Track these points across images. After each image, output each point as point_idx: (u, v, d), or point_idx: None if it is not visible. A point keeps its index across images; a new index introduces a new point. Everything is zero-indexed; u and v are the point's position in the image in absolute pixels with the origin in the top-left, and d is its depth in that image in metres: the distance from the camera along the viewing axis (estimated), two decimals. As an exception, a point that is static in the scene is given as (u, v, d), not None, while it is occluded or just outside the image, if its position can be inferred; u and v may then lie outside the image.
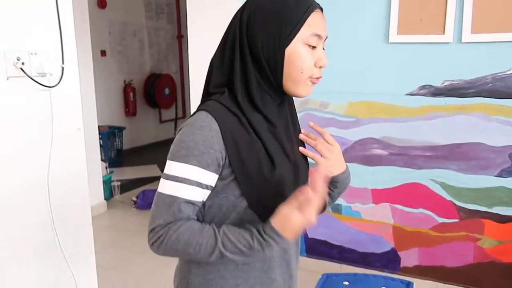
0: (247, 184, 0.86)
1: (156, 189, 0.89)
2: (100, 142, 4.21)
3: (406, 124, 2.49)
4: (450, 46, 2.34)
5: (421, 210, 2.54)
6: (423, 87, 2.43)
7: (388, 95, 2.51)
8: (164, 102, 6.86)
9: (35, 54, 1.46)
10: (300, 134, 1.03)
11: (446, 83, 2.38)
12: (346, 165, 1.05)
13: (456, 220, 2.47)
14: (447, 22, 2.31)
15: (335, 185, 1.03)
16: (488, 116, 2.32)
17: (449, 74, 2.37)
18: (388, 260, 2.67)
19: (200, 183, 0.84)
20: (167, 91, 6.83)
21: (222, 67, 0.90)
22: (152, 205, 0.87)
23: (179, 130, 0.88)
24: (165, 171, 0.87)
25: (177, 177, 0.84)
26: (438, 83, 2.40)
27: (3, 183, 1.45)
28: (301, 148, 1.00)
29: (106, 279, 2.60)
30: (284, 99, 0.97)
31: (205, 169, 0.83)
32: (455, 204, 2.45)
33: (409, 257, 2.62)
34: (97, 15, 5.45)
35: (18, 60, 1.41)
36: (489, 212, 2.39)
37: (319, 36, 0.90)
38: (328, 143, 1.02)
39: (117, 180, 4.46)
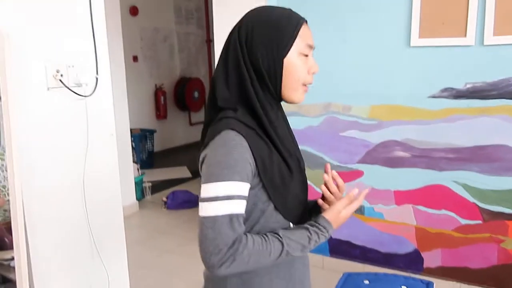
0: (273, 189, 0.97)
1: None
2: (132, 145, 4.38)
3: (428, 127, 2.52)
4: (472, 49, 2.35)
5: (443, 211, 2.55)
6: (445, 89, 2.45)
7: (410, 98, 2.54)
8: (194, 105, 7.02)
9: (72, 66, 1.59)
10: (325, 175, 1.12)
11: (468, 86, 2.39)
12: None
13: (480, 222, 2.47)
14: (469, 25, 2.33)
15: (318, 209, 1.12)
16: (511, 118, 2.32)
17: (471, 76, 2.38)
18: (411, 261, 2.70)
19: (245, 196, 0.92)
20: (196, 94, 6.99)
21: (228, 82, 0.98)
22: (205, 230, 0.88)
23: (205, 148, 0.94)
24: (209, 194, 0.89)
25: (228, 195, 0.88)
26: (460, 85, 2.41)
27: (43, 184, 1.58)
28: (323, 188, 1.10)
29: (136, 277, 2.73)
30: (279, 106, 1.06)
31: (246, 182, 0.92)
32: (479, 206, 2.46)
33: (432, 258, 2.64)
34: (129, 22, 5.66)
35: (57, 72, 1.54)
36: (513, 214, 2.39)
37: (310, 46, 1.01)
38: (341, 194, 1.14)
39: (148, 181, 4.63)
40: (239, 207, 0.90)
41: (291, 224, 1.04)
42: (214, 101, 1.00)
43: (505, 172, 2.37)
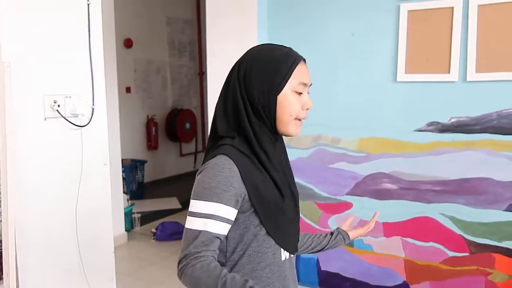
0: (265, 214, 1.02)
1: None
2: (122, 175, 4.38)
3: (415, 159, 2.58)
4: (455, 85, 2.45)
5: (431, 243, 2.58)
6: (430, 123, 2.53)
7: (397, 131, 2.61)
8: (185, 136, 7.06)
9: (70, 97, 1.64)
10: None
11: (453, 120, 2.48)
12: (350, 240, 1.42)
13: (467, 254, 2.50)
14: (452, 62, 2.43)
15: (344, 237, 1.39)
16: (495, 152, 2.39)
17: (456, 111, 2.46)
18: (400, 293, 2.70)
19: (222, 217, 0.97)
20: (187, 125, 7.04)
21: (226, 115, 1.06)
22: (182, 240, 0.99)
23: (200, 171, 1.02)
24: (190, 209, 0.99)
25: (202, 213, 0.97)
26: (445, 119, 2.49)
27: (36, 213, 1.60)
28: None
29: (125, 308, 2.70)
30: (278, 138, 1.13)
31: (226, 204, 0.97)
32: (465, 238, 2.50)
33: (421, 291, 2.65)
34: (123, 54, 5.75)
35: (55, 103, 1.59)
36: (499, 246, 2.42)
37: (304, 84, 1.08)
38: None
39: (137, 212, 4.60)
40: (211, 227, 0.96)
41: (282, 251, 1.08)
42: (214, 131, 1.08)
43: (490, 204, 2.42)
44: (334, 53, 2.73)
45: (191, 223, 0.97)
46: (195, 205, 0.98)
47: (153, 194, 5.90)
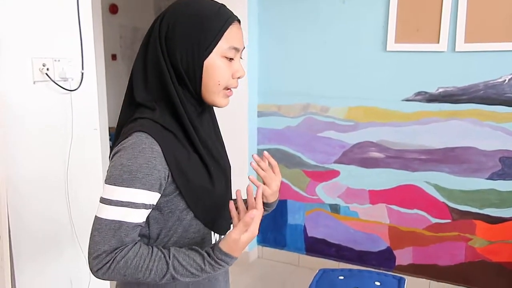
0: (191, 196, 0.91)
1: None
2: (109, 143, 4.36)
3: (402, 129, 2.62)
4: (444, 55, 2.47)
5: (415, 210, 2.66)
6: (418, 93, 2.56)
7: (385, 100, 2.64)
8: (172, 105, 7.01)
9: (59, 60, 1.61)
10: (252, 162, 1.07)
11: (440, 90, 2.51)
12: (278, 195, 1.13)
13: (449, 221, 2.59)
14: (442, 32, 2.44)
15: (266, 209, 1.11)
16: (480, 121, 2.44)
17: (443, 81, 2.49)
18: (384, 259, 2.79)
19: (145, 204, 0.85)
20: (174, 94, 6.99)
21: (145, 79, 0.92)
22: (93, 230, 0.84)
23: (117, 151, 0.87)
24: (105, 195, 0.84)
25: (122, 201, 0.82)
26: (432, 89, 2.52)
27: (26, 177, 1.59)
28: (250, 177, 1.02)
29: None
30: (204, 109, 0.99)
31: (149, 190, 0.84)
32: (448, 206, 2.57)
33: (403, 256, 2.74)
34: (108, 20, 5.62)
35: (43, 66, 1.56)
36: (480, 213, 2.51)
37: (236, 49, 0.93)
38: (275, 174, 1.08)
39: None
40: (133, 216, 0.84)
41: (213, 234, 1.00)
42: (131, 98, 0.94)
43: (473, 173, 2.49)
44: (324, 20, 2.72)
45: (108, 212, 0.83)
46: (112, 191, 0.83)
47: (140, 162, 5.90)
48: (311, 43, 2.77)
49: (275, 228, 3.08)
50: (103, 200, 0.84)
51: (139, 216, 0.85)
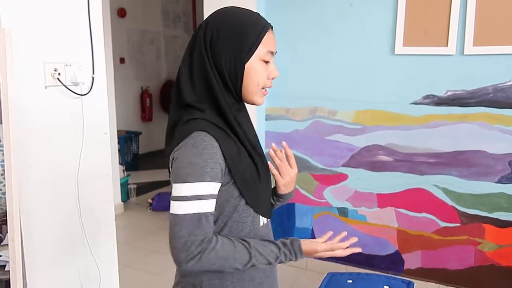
0: (244, 185, 1.02)
1: (171, 192, 0.97)
2: (117, 146, 4.39)
3: (410, 132, 2.62)
4: (453, 58, 2.46)
5: (424, 214, 2.65)
6: (427, 96, 2.55)
7: (394, 104, 2.64)
8: (179, 107, 7.03)
9: (70, 65, 1.63)
10: (270, 150, 1.18)
11: (449, 93, 2.50)
12: (295, 187, 1.25)
13: (458, 225, 2.57)
14: (450, 35, 2.43)
15: (279, 199, 1.23)
16: (489, 125, 2.43)
17: (452, 84, 2.48)
18: (392, 262, 2.78)
19: (214, 195, 0.96)
20: (182, 97, 7.01)
21: (193, 82, 1.02)
22: (174, 227, 0.93)
23: (178, 150, 0.96)
24: (180, 193, 0.93)
25: (197, 195, 0.92)
26: (441, 93, 2.52)
27: (38, 178, 1.62)
28: (269, 163, 1.16)
29: (123, 277, 2.75)
30: (241, 107, 1.11)
31: (216, 181, 0.95)
32: (457, 209, 2.56)
33: (412, 260, 2.73)
34: (116, 24, 5.67)
35: (55, 71, 1.58)
36: (489, 217, 2.49)
37: (272, 52, 1.05)
38: (290, 166, 1.19)
39: (133, 183, 4.64)
40: (208, 207, 0.94)
41: (261, 217, 1.10)
42: (179, 101, 1.03)
43: (482, 176, 2.47)
44: (332, 24, 2.72)
45: (186, 207, 0.92)
46: (186, 188, 0.93)
47: (147, 165, 5.94)
48: (319, 47, 2.78)
49: (283, 232, 3.08)
50: (179, 198, 0.93)
51: (211, 206, 0.95)
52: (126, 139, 5.59)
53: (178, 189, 0.93)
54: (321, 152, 2.88)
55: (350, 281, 2.25)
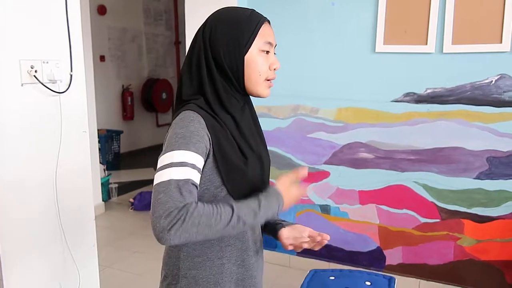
0: (228, 173, 1.00)
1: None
2: (98, 146, 4.33)
3: (391, 129, 2.64)
4: (432, 56, 2.49)
5: (405, 210, 2.68)
6: (407, 94, 2.58)
7: (375, 101, 2.66)
8: (161, 106, 6.99)
9: (47, 62, 1.60)
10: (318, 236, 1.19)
11: (428, 91, 2.53)
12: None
13: (438, 220, 2.61)
14: (430, 33, 2.47)
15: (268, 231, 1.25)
16: (467, 122, 2.47)
17: (431, 82, 2.52)
18: (374, 258, 2.81)
19: (199, 168, 0.95)
20: (164, 95, 6.96)
21: (191, 78, 1.06)
22: (157, 194, 0.89)
23: (168, 130, 1.00)
24: (165, 161, 0.92)
25: (181, 162, 0.91)
26: (421, 90, 2.55)
27: (15, 179, 1.58)
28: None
29: (104, 277, 2.72)
30: (247, 101, 1.12)
31: (200, 155, 0.95)
32: (437, 205, 2.60)
33: (393, 256, 2.76)
34: (97, 21, 5.59)
35: (31, 68, 1.54)
36: (468, 213, 2.54)
37: (270, 43, 1.07)
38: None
39: (114, 183, 4.58)
40: (192, 175, 0.91)
41: None
42: (180, 97, 1.07)
43: (461, 173, 2.52)
44: (313, 22, 2.73)
45: (170, 173, 0.90)
46: (171, 156, 0.92)
47: (129, 165, 5.88)
48: (301, 45, 2.78)
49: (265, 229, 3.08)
50: (163, 167, 0.91)
51: (196, 177, 0.93)
52: (107, 138, 5.52)
53: (163, 159, 0.93)
54: (303, 150, 2.89)
55: (333, 278, 2.26)
